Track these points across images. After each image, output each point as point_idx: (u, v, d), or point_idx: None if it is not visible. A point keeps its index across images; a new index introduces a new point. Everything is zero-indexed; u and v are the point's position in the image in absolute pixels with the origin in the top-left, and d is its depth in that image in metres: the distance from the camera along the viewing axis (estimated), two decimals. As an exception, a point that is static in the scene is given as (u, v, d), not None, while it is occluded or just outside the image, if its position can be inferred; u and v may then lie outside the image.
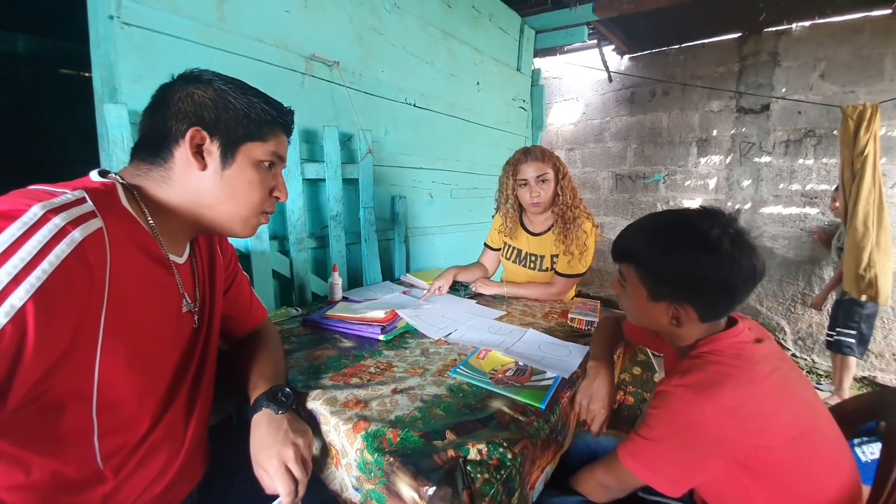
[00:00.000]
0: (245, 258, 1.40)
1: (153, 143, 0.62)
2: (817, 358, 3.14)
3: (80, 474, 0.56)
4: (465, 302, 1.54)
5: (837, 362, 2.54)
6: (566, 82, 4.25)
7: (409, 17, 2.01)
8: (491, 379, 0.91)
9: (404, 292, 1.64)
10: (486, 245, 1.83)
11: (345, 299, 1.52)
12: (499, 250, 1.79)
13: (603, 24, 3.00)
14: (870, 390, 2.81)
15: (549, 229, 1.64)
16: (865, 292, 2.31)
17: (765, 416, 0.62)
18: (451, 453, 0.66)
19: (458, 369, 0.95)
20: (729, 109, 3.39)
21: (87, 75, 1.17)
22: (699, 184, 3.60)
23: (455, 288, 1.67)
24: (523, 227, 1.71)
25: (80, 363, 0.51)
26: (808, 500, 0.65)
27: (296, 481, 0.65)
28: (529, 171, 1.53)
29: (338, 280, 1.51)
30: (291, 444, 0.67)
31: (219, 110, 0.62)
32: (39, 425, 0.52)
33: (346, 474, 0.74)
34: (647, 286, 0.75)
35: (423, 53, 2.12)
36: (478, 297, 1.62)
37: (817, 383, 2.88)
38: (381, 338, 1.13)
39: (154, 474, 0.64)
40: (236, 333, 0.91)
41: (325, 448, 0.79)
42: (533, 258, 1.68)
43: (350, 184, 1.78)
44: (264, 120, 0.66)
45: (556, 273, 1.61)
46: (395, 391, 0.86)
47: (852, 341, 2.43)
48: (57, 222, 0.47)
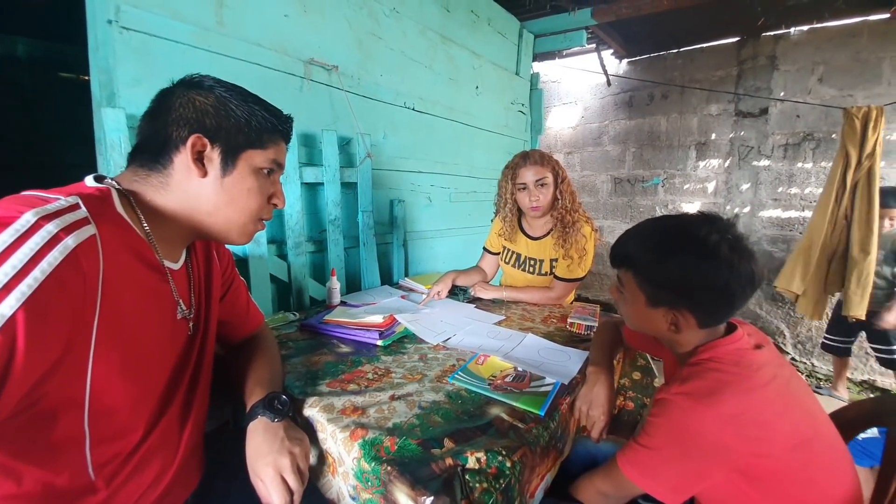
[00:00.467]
0: (243, 262, 1.40)
1: (152, 149, 0.62)
2: (817, 362, 3.13)
3: (71, 484, 0.55)
4: (463, 306, 1.53)
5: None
6: (565, 86, 4.26)
7: (407, 21, 2.01)
8: (490, 385, 0.91)
9: (403, 297, 1.64)
10: (485, 249, 1.82)
11: (343, 304, 1.51)
12: (498, 254, 1.79)
13: (601, 28, 3.01)
14: (870, 396, 2.81)
15: (549, 233, 1.63)
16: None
17: (765, 424, 0.62)
18: (449, 462, 0.65)
19: (456, 375, 0.95)
20: (727, 113, 3.40)
21: (86, 79, 1.16)
22: (698, 187, 3.60)
23: (454, 292, 1.66)
24: (522, 231, 1.71)
25: (73, 372, 0.50)
26: (810, 508, 0.65)
27: (291, 491, 0.64)
28: (528, 175, 1.53)
29: (336, 284, 1.51)
30: (287, 454, 0.66)
31: (220, 117, 0.62)
32: (31, 435, 0.51)
33: (343, 483, 0.74)
34: (646, 292, 0.75)
35: (422, 57, 2.13)
36: (477, 301, 1.62)
37: (817, 387, 2.87)
38: (380, 343, 1.13)
39: (148, 482, 0.64)
40: (233, 339, 0.91)
41: (322, 456, 0.78)
42: (532, 262, 1.68)
43: (348, 188, 1.78)
44: (265, 127, 0.66)
45: (556, 277, 1.61)
46: (392, 398, 0.85)
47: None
48: (50, 229, 0.46)
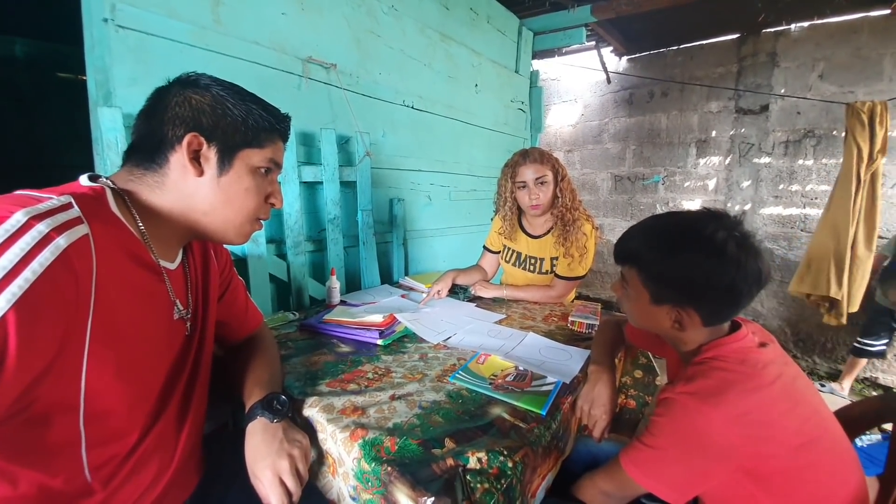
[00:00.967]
0: (242, 262, 1.39)
1: (148, 148, 0.61)
2: (818, 359, 3.13)
3: (67, 487, 0.54)
4: (464, 305, 1.53)
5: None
6: (565, 84, 4.25)
7: (406, 19, 2.00)
8: (491, 384, 0.90)
9: (403, 296, 1.63)
10: (485, 248, 1.81)
11: (343, 303, 1.50)
12: (498, 253, 1.78)
13: (601, 25, 3.00)
14: (872, 393, 2.80)
15: (549, 232, 1.63)
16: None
17: (771, 424, 0.61)
18: (450, 462, 0.65)
19: (457, 374, 0.94)
20: (728, 110, 3.39)
21: (84, 79, 1.16)
22: (698, 185, 3.59)
23: (454, 291, 1.66)
24: (522, 229, 1.70)
25: (66, 373, 0.50)
26: (816, 507, 0.64)
27: (290, 493, 0.64)
28: (528, 173, 1.52)
29: (335, 284, 1.50)
30: (286, 455, 0.66)
31: (217, 116, 0.61)
32: (25, 438, 0.50)
33: (343, 483, 0.73)
34: (650, 289, 0.74)
35: (421, 56, 2.12)
36: (477, 300, 1.61)
37: (820, 384, 2.86)
38: (380, 342, 1.12)
39: (145, 485, 0.63)
40: (232, 339, 0.90)
41: (322, 456, 0.77)
42: (532, 261, 1.67)
43: (348, 186, 1.77)
44: (262, 126, 0.65)
45: (556, 276, 1.60)
46: (393, 397, 0.84)
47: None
48: (41, 229, 0.45)
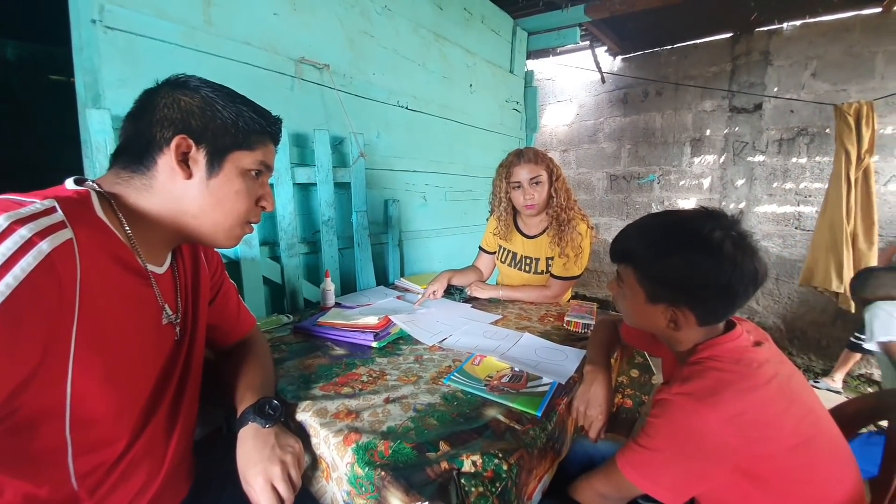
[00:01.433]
0: (235, 265, 1.38)
1: (136, 151, 0.60)
2: (814, 357, 3.14)
3: (53, 496, 0.53)
4: (459, 306, 1.52)
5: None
6: (559, 84, 4.25)
7: (400, 19, 2.00)
8: (486, 386, 0.89)
9: (398, 297, 1.62)
10: (480, 248, 1.81)
11: (337, 305, 1.49)
12: (494, 253, 1.78)
13: (595, 25, 3.00)
14: (868, 390, 2.82)
15: (544, 232, 1.62)
16: None
17: (767, 424, 0.61)
18: (444, 466, 0.64)
19: (452, 376, 0.93)
20: (722, 109, 3.40)
21: (74, 81, 1.14)
22: (693, 183, 3.60)
23: (450, 292, 1.65)
24: (518, 229, 1.69)
25: (51, 380, 0.49)
26: (813, 507, 0.63)
27: (283, 500, 0.63)
28: (523, 173, 1.52)
29: (330, 286, 1.49)
30: (278, 461, 0.65)
31: (206, 118, 0.60)
32: (10, 446, 0.49)
33: (336, 488, 0.72)
34: (646, 288, 0.73)
35: (415, 56, 2.11)
36: (473, 301, 1.60)
37: (814, 381, 2.87)
38: (374, 345, 1.11)
39: (133, 493, 0.62)
40: (224, 343, 0.89)
41: (316, 461, 0.76)
42: (528, 261, 1.66)
43: (342, 188, 1.76)
44: (252, 129, 0.64)
45: (552, 276, 1.60)
46: (387, 400, 0.83)
47: None
48: (23, 233, 0.45)
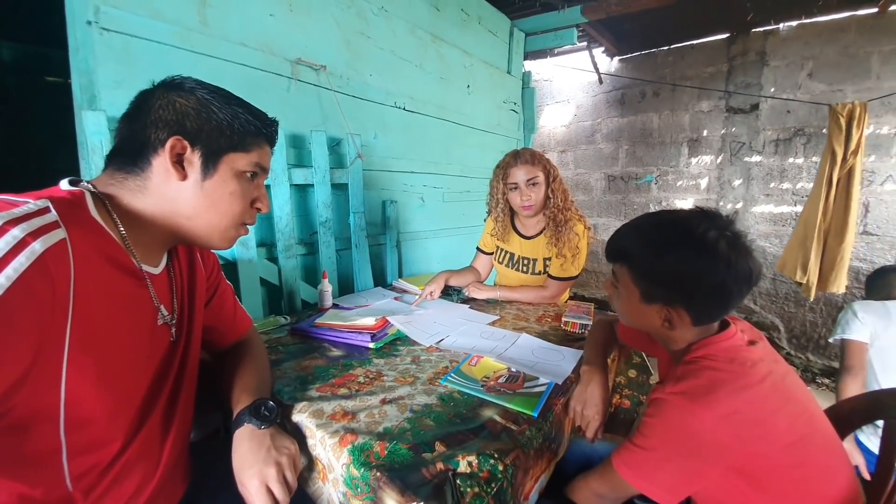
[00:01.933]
0: (232, 266, 1.38)
1: (130, 152, 0.60)
2: (812, 356, 3.15)
3: (48, 497, 0.53)
4: (457, 307, 1.52)
5: None
6: (557, 84, 4.26)
7: (397, 20, 2.00)
8: (483, 386, 0.89)
9: (396, 298, 1.62)
10: (478, 249, 1.81)
11: (335, 306, 1.49)
12: (491, 254, 1.78)
13: (592, 26, 3.01)
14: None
15: (541, 232, 1.62)
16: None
17: (761, 422, 0.61)
18: (440, 466, 0.64)
19: (449, 377, 0.93)
20: (718, 109, 3.41)
21: (71, 82, 1.14)
22: (691, 184, 3.61)
23: (447, 293, 1.65)
24: (515, 230, 1.69)
25: (45, 382, 0.49)
26: (808, 505, 0.64)
27: (278, 502, 0.62)
28: (519, 174, 1.52)
29: (327, 287, 1.49)
30: (274, 463, 0.64)
31: (201, 120, 0.61)
32: (4, 447, 0.49)
33: (333, 490, 0.72)
34: (641, 287, 0.73)
35: (412, 57, 2.11)
36: (470, 301, 1.60)
37: (813, 380, 2.88)
38: (371, 346, 1.11)
39: (128, 495, 0.62)
40: (220, 345, 0.89)
41: (312, 462, 0.76)
42: (525, 261, 1.67)
43: (339, 189, 1.76)
44: (248, 130, 0.65)
45: (549, 276, 1.60)
46: (384, 401, 0.83)
47: None
48: (16, 234, 0.45)
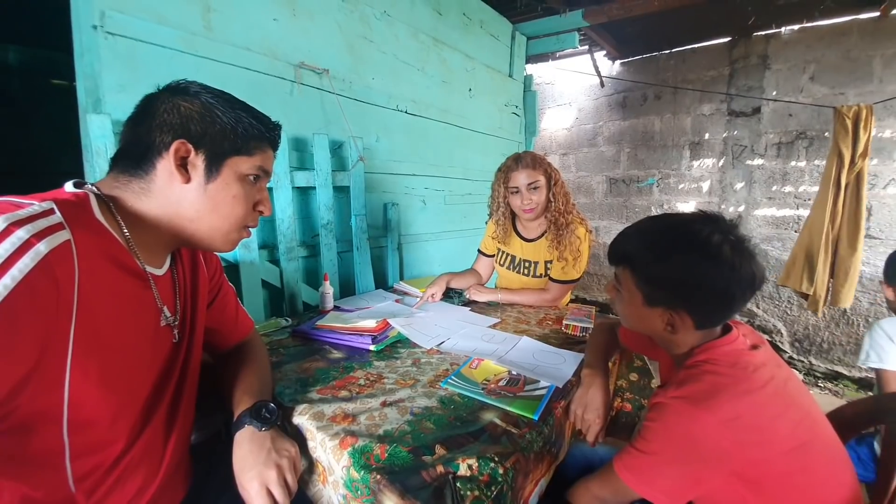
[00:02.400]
0: (234, 268, 1.38)
1: (135, 155, 0.61)
2: (814, 360, 3.13)
3: (50, 498, 0.54)
4: (458, 309, 1.52)
5: None
6: (559, 88, 4.26)
7: (399, 24, 2.01)
8: (483, 389, 0.89)
9: (397, 300, 1.62)
10: (479, 251, 1.81)
11: (336, 308, 1.50)
12: (493, 256, 1.78)
13: (593, 29, 3.01)
14: (868, 394, 2.81)
15: (543, 235, 1.62)
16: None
17: (763, 427, 0.60)
18: (440, 469, 0.64)
19: (449, 380, 0.93)
20: (720, 113, 3.41)
21: (76, 86, 1.15)
22: (692, 187, 3.61)
23: (449, 295, 1.65)
24: (517, 233, 1.69)
25: (48, 382, 0.49)
26: (810, 511, 0.63)
27: None
28: (520, 178, 1.52)
29: (328, 289, 1.49)
30: (274, 466, 0.65)
31: (205, 123, 0.61)
32: (7, 448, 0.50)
33: (333, 492, 0.72)
34: (644, 291, 0.73)
35: (414, 60, 2.12)
36: (472, 304, 1.60)
37: (815, 385, 2.86)
38: (372, 348, 1.11)
39: (130, 496, 0.62)
40: (221, 346, 0.89)
41: (312, 465, 0.76)
42: (527, 264, 1.67)
43: (341, 191, 1.77)
44: (251, 134, 0.65)
45: (551, 279, 1.60)
46: (384, 404, 0.83)
47: None
48: (21, 235, 0.45)
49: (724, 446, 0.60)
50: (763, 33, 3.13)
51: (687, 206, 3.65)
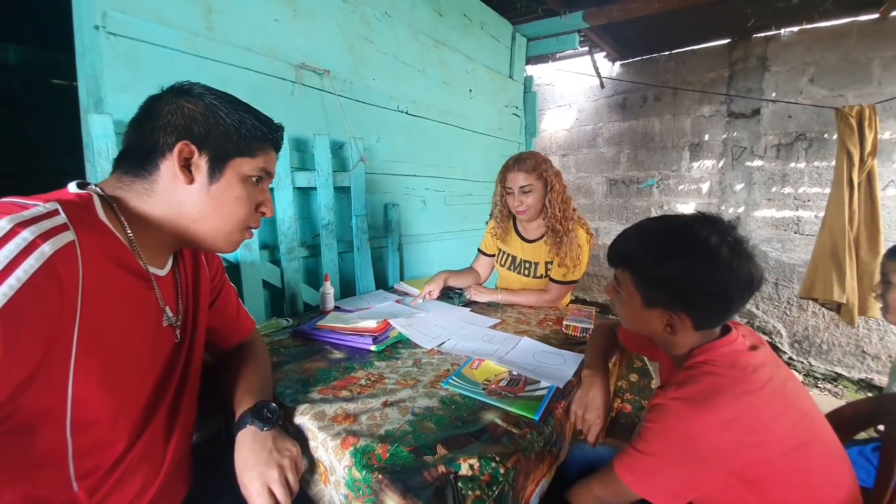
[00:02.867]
0: (235, 269, 1.38)
1: (138, 156, 0.61)
2: (814, 361, 3.13)
3: (52, 497, 0.54)
4: (458, 310, 1.52)
5: None
6: (559, 89, 4.27)
7: (399, 25, 2.01)
8: (484, 390, 0.89)
9: (397, 301, 1.62)
10: (479, 251, 1.81)
11: (337, 309, 1.50)
12: (493, 256, 1.78)
13: (594, 31, 3.02)
14: (867, 395, 2.81)
15: (542, 237, 1.63)
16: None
17: (762, 428, 0.61)
18: (441, 469, 0.64)
19: (450, 380, 0.93)
20: (720, 114, 3.41)
21: (76, 86, 1.15)
22: (692, 188, 3.61)
23: (449, 296, 1.65)
24: (517, 233, 1.70)
25: (52, 382, 0.49)
26: (809, 511, 0.64)
27: None
28: (515, 180, 1.52)
29: (329, 290, 1.49)
30: (275, 465, 0.65)
31: (209, 125, 0.62)
32: (10, 447, 0.50)
33: (334, 492, 0.72)
34: (643, 292, 0.74)
35: (415, 61, 2.13)
36: (472, 304, 1.60)
37: (815, 386, 2.87)
38: (373, 348, 1.11)
39: (132, 495, 0.62)
40: (223, 346, 0.89)
41: (314, 465, 0.76)
42: (527, 265, 1.67)
43: (342, 192, 1.77)
44: (254, 136, 0.66)
45: (551, 280, 1.60)
46: (385, 404, 0.84)
47: None
48: (26, 236, 0.45)
49: (723, 447, 0.60)
50: (762, 35, 3.14)
51: (686, 208, 3.66)
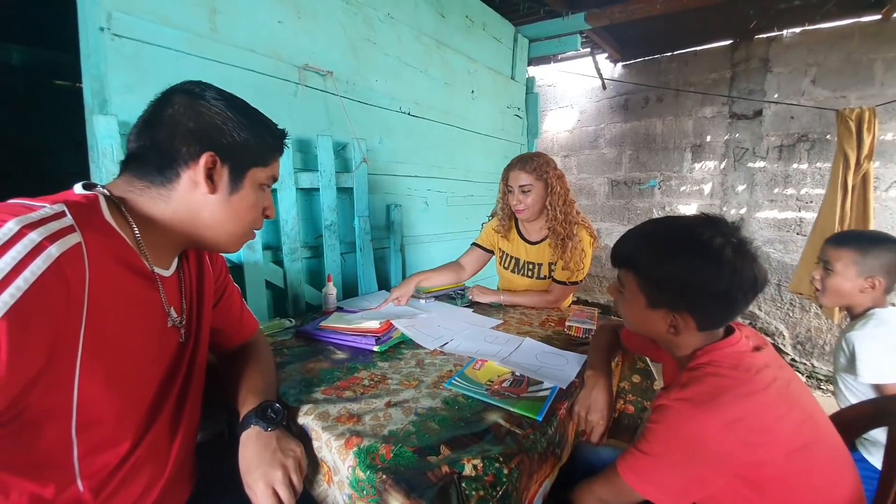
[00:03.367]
0: (238, 269, 1.39)
1: (156, 161, 0.60)
2: (817, 362, 3.13)
3: (59, 496, 0.54)
4: (461, 311, 1.52)
5: None
6: (561, 90, 4.27)
7: (402, 27, 2.02)
8: (487, 390, 0.90)
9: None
10: (474, 244, 1.79)
11: (339, 309, 1.50)
12: (489, 250, 1.77)
13: (596, 32, 3.02)
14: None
15: (545, 239, 1.63)
16: None
17: (766, 429, 0.61)
18: (445, 469, 0.64)
19: (453, 381, 0.94)
20: (722, 115, 3.41)
21: (81, 87, 1.16)
22: (694, 189, 3.61)
23: (451, 296, 1.65)
24: (521, 235, 1.70)
25: (58, 382, 0.50)
26: (813, 512, 0.64)
27: None
28: (516, 179, 1.53)
29: (332, 290, 1.50)
30: (280, 466, 0.65)
31: (231, 137, 0.63)
32: (17, 446, 0.50)
33: (338, 492, 0.72)
34: (646, 293, 0.74)
35: (417, 63, 2.13)
36: (474, 305, 1.61)
37: (818, 387, 2.86)
38: (376, 349, 1.11)
39: (137, 494, 0.62)
40: (227, 347, 0.89)
41: (317, 465, 0.76)
42: (531, 266, 1.67)
43: (344, 193, 1.77)
44: (268, 145, 0.68)
45: (554, 280, 1.60)
46: (388, 404, 0.84)
47: None
48: (33, 238, 0.46)
49: (726, 448, 0.60)
50: (764, 36, 3.14)
51: (689, 209, 3.65)
